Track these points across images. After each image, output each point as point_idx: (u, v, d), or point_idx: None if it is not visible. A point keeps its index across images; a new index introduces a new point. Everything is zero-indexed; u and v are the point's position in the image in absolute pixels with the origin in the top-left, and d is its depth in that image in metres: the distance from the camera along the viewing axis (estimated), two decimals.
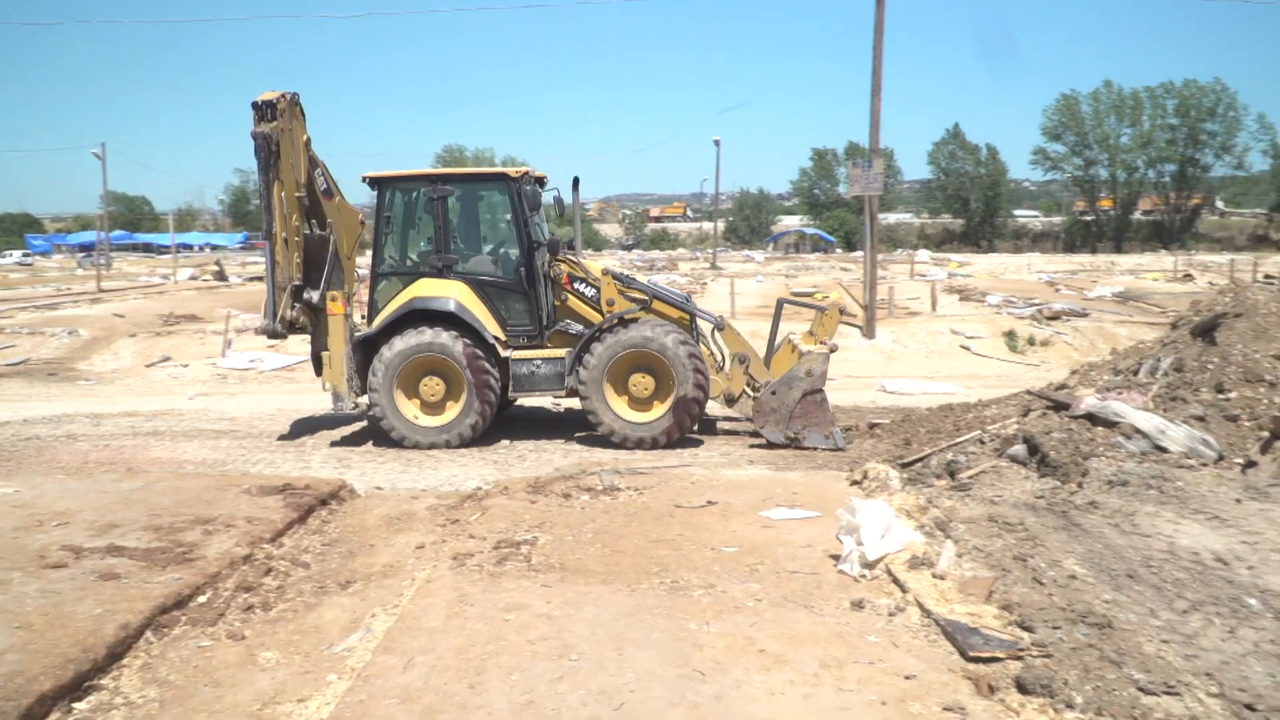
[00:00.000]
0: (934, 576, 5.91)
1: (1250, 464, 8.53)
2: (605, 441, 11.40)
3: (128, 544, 6.82)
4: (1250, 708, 4.38)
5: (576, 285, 11.90)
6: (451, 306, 11.44)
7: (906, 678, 4.71)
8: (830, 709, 4.44)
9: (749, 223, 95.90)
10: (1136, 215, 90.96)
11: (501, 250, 12.31)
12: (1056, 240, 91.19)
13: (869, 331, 20.72)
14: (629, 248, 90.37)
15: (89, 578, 6.14)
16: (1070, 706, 4.32)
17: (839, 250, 77.87)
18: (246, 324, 22.89)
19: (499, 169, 11.98)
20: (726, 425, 12.46)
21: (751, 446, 11.19)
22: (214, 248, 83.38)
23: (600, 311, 11.70)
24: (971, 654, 4.87)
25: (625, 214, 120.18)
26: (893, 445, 10.91)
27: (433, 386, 11.48)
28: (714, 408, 12.32)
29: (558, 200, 12.29)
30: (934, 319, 23.06)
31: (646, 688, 4.69)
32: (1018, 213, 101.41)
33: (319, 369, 12.04)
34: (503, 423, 12.23)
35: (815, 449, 11.00)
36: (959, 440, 9.93)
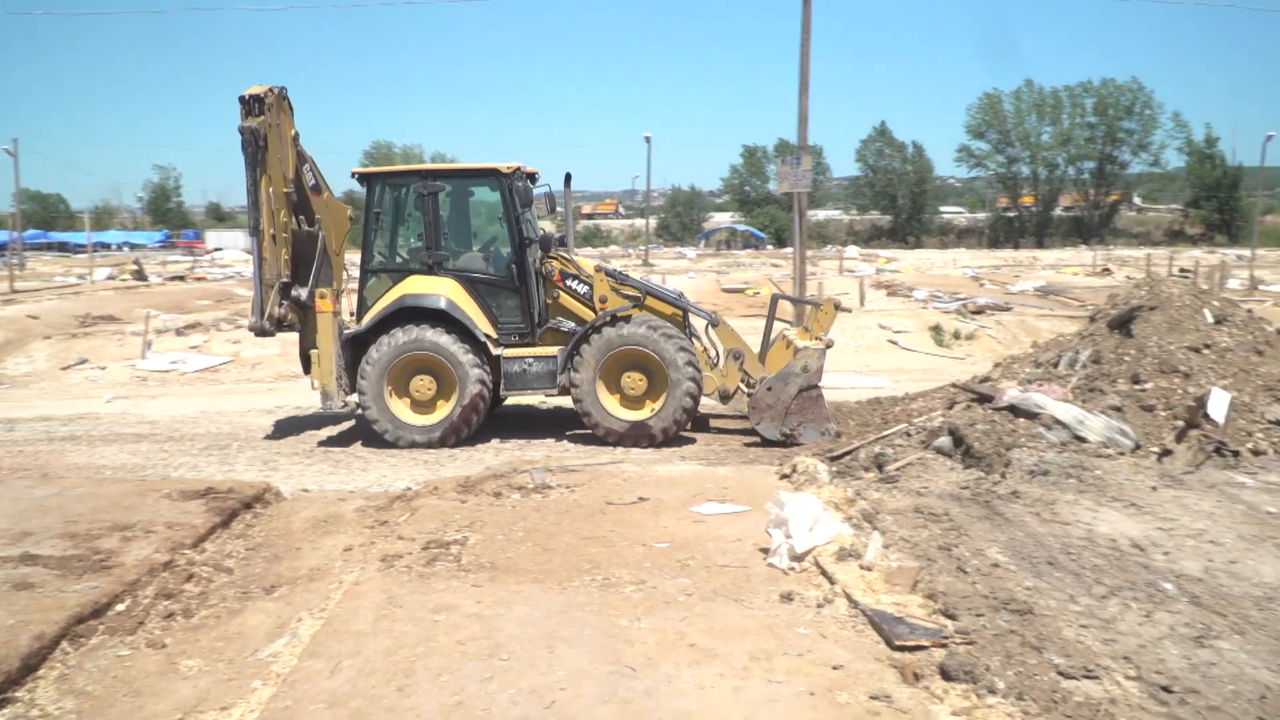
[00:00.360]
0: (861, 567, 5.99)
1: (1166, 452, 8.80)
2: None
3: (42, 552, 6.63)
4: (1167, 690, 4.51)
5: (569, 282, 11.77)
6: (442, 304, 11.28)
7: (834, 668, 4.77)
8: (759, 701, 4.48)
9: (681, 219, 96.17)
10: (1057, 211, 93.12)
11: (492, 247, 12.17)
12: (981, 236, 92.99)
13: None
14: (561, 242, 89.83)
15: (1, 588, 5.96)
16: (992, 692, 4.41)
17: (770, 246, 78.52)
18: (167, 324, 22.38)
19: (490, 165, 11.74)
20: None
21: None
22: (133, 246, 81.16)
23: (593, 308, 11.57)
24: (897, 643, 4.95)
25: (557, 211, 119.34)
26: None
27: (423, 385, 11.34)
28: (708, 404, 12.27)
29: (548, 196, 12.19)
30: (862, 314, 23.36)
31: (577, 685, 4.68)
32: (944, 209, 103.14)
33: (307, 367, 11.88)
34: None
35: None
36: (886, 433, 10.09)
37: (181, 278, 42.50)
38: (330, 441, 11.86)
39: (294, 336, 12.35)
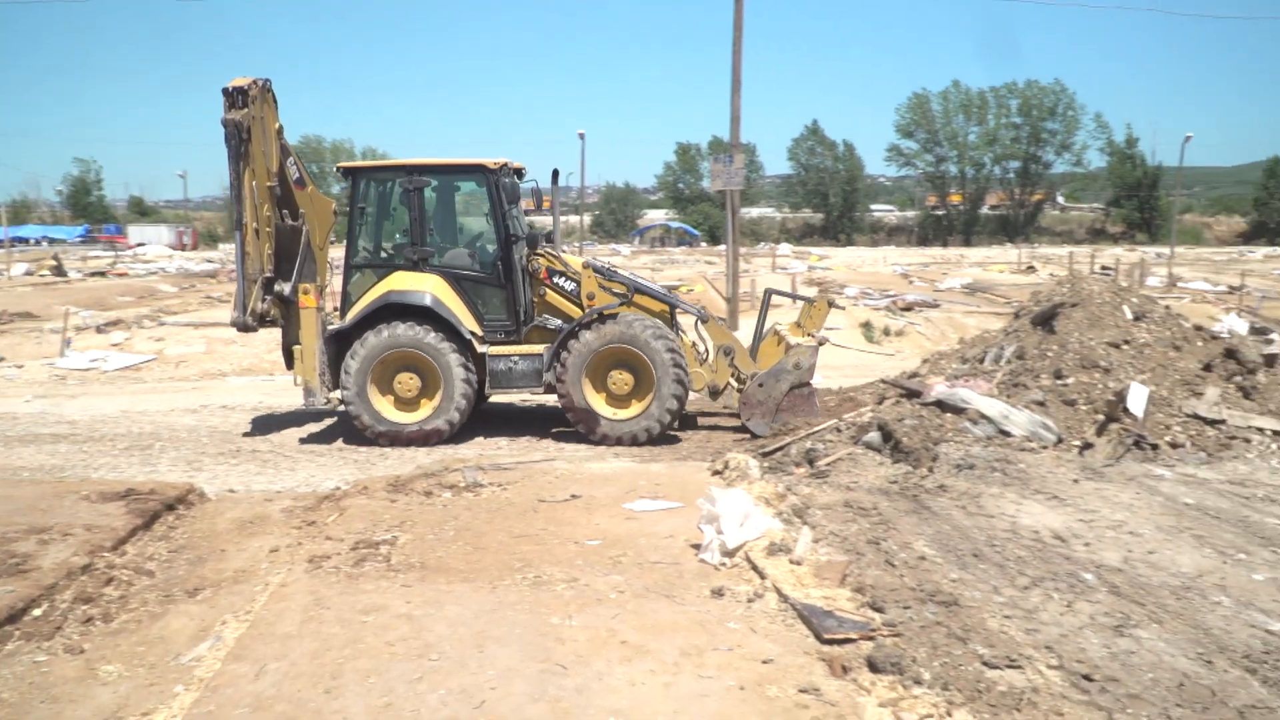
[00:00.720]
0: (791, 562, 6.05)
1: (1087, 446, 9.02)
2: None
3: None
4: (1088, 678, 4.62)
5: (556, 279, 11.61)
6: (427, 301, 11.11)
7: (764, 662, 4.81)
8: (690, 696, 4.50)
9: (615, 216, 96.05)
10: (984, 210, 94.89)
11: (478, 243, 12.00)
12: (910, 234, 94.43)
13: (732, 324, 21.04)
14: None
15: None
16: (918, 683, 4.48)
17: (704, 244, 78.82)
18: (87, 321, 21.77)
19: (477, 160, 11.56)
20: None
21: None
22: (52, 241, 78.75)
23: (581, 305, 11.45)
24: (826, 636, 5.00)
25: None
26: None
27: (408, 382, 11.18)
28: (697, 401, 12.23)
29: (535, 192, 12.03)
30: (794, 311, 23.53)
31: (508, 684, 4.66)
32: (874, 207, 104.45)
33: (289, 363, 11.66)
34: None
35: None
36: (817, 429, 10.18)
37: (103, 274, 41.45)
38: (259, 441, 11.63)
39: (221, 333, 12.10)
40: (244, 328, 11.49)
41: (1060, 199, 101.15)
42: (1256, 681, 4.58)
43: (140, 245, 71.26)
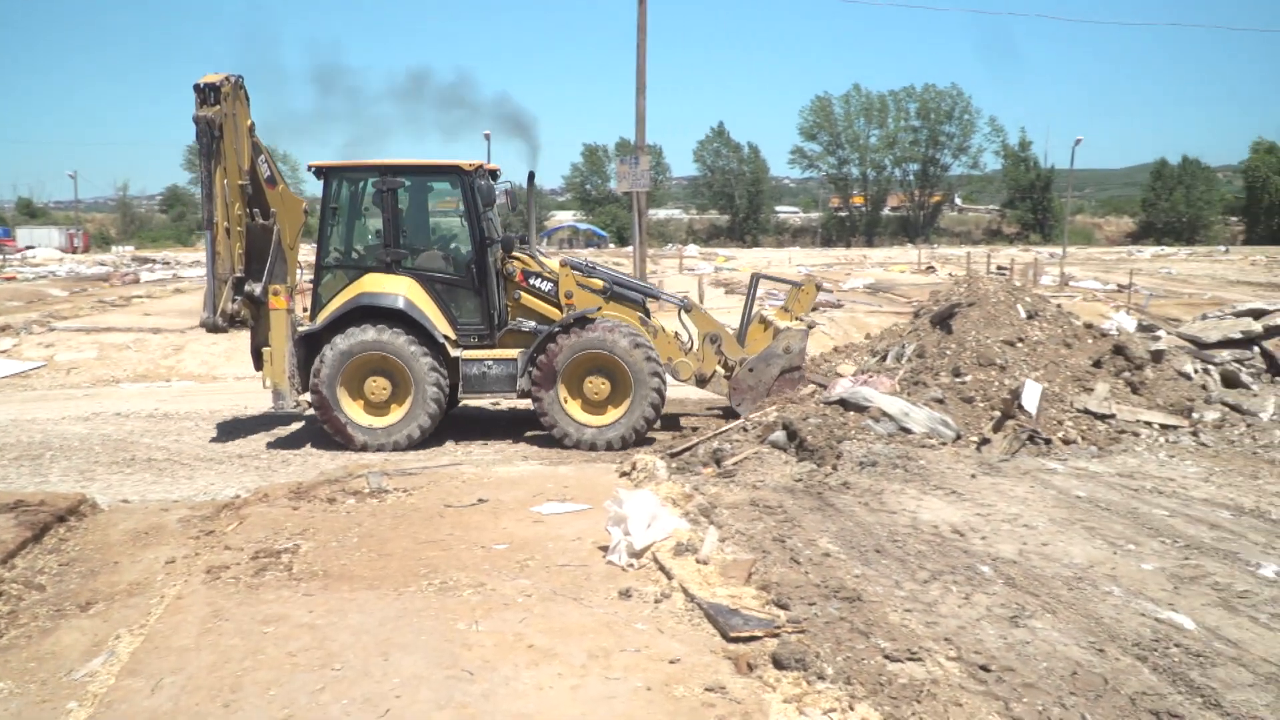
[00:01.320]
0: (698, 562, 6.08)
1: (984, 441, 9.27)
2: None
3: None
4: (985, 669, 4.74)
5: (532, 281, 11.45)
6: (400, 304, 10.90)
7: (671, 662, 4.83)
8: (597, 699, 4.49)
9: (522, 218, 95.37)
10: (886, 211, 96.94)
11: (452, 245, 11.77)
12: (815, 235, 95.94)
13: None
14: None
15: None
16: (822, 678, 4.55)
17: (612, 245, 78.86)
18: None
19: (452, 161, 11.38)
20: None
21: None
22: None
23: (559, 305, 11.31)
24: (732, 634, 5.05)
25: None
26: (664, 435, 11.14)
27: (378, 386, 10.93)
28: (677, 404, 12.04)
29: (509, 193, 11.78)
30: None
31: (413, 691, 4.59)
32: (779, 209, 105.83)
33: (258, 364, 11.38)
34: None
35: None
36: (724, 429, 10.28)
37: None
38: (155, 449, 11.26)
39: (114, 338, 11.69)
40: (213, 328, 11.28)
41: (958, 200, 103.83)
42: (1146, 669, 4.75)
43: (29, 248, 68.44)
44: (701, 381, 11.71)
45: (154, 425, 12.56)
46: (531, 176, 12.64)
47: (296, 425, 12.40)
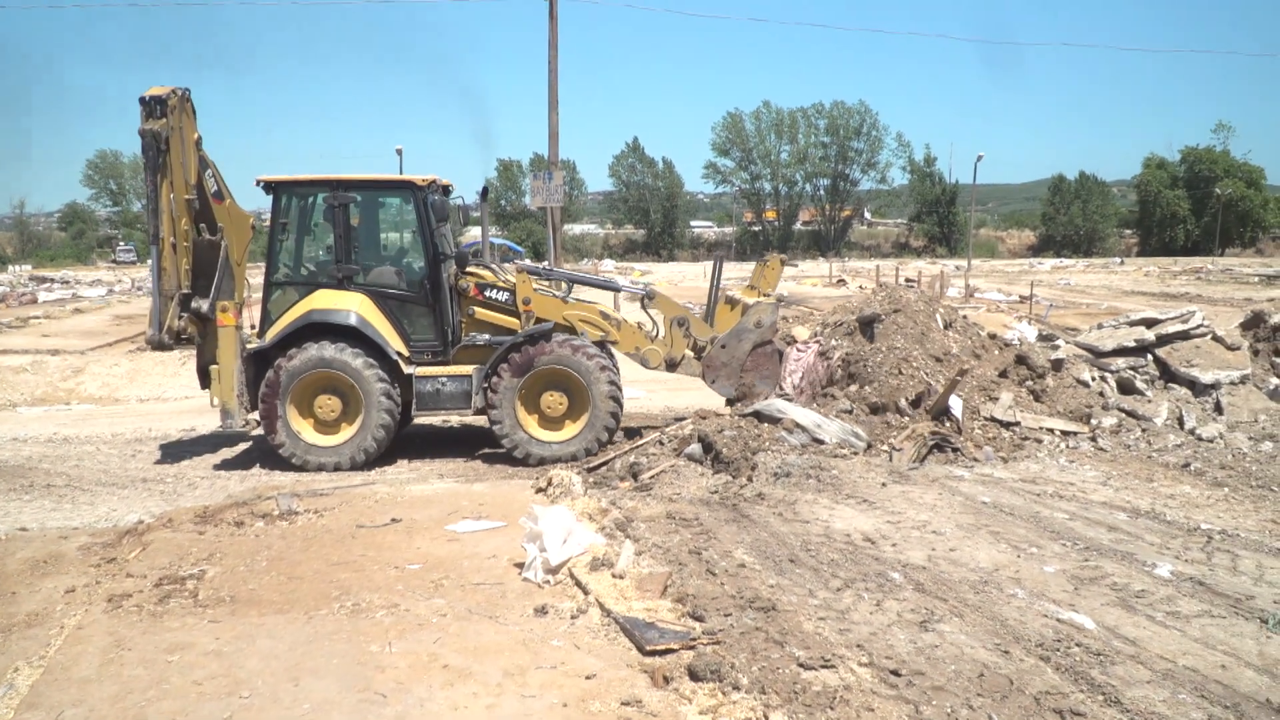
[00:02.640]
0: (614, 576, 6.08)
1: (894, 450, 9.45)
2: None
3: None
4: (895, 673, 4.83)
5: (488, 294, 11.29)
6: (352, 320, 10.67)
7: (587, 678, 4.81)
8: (513, 717, 4.46)
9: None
10: (798, 226, 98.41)
11: (405, 261, 11.53)
12: (729, 249, 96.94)
13: None
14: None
15: None
16: (737, 688, 4.58)
17: (528, 260, 78.66)
18: None
19: (405, 177, 11.22)
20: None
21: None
22: None
23: (516, 314, 11.18)
24: (648, 648, 5.05)
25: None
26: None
27: (328, 404, 10.69)
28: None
29: (461, 209, 11.54)
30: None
31: (324, 717, 4.51)
32: (694, 223, 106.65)
33: (205, 383, 11.02)
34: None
35: None
36: (641, 442, 10.30)
37: None
38: (54, 475, 10.84)
39: (9, 360, 11.25)
40: (160, 346, 10.96)
41: (867, 215, 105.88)
42: (1050, 669, 4.88)
43: None
44: (672, 365, 11.66)
45: (53, 450, 12.11)
46: (485, 191, 12.61)
47: (204, 448, 12.08)
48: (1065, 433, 9.87)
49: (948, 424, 9.65)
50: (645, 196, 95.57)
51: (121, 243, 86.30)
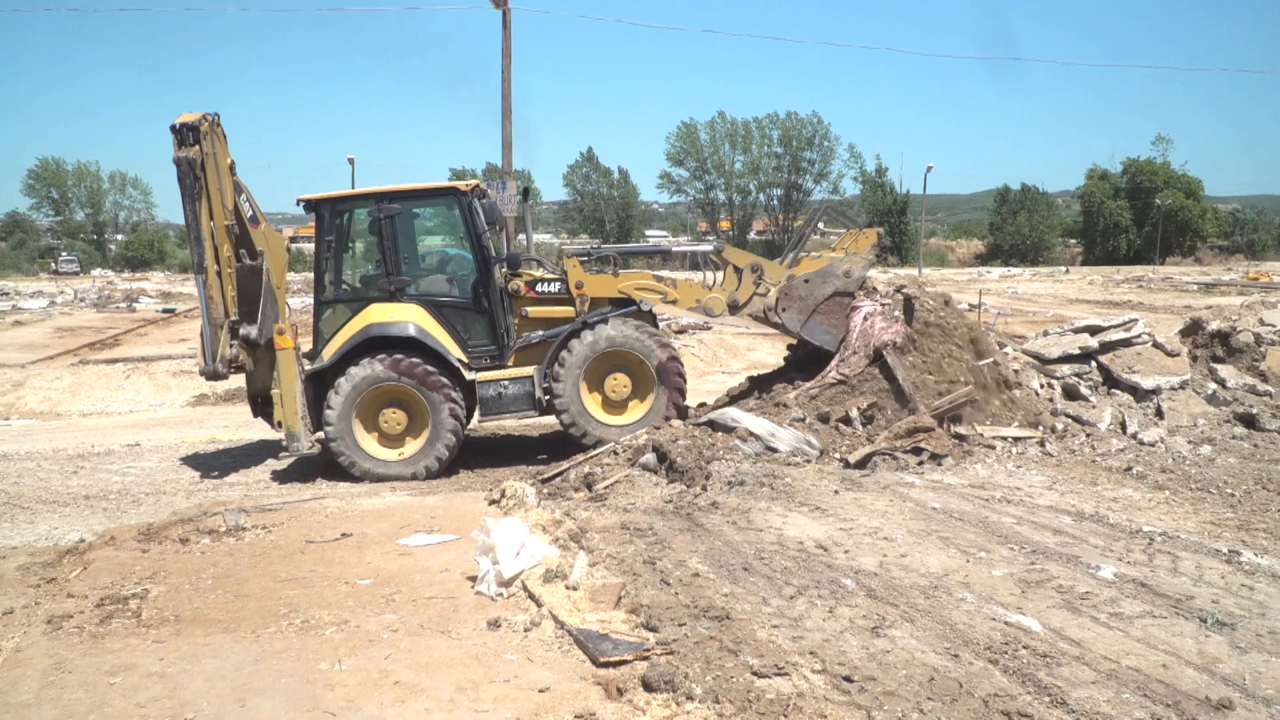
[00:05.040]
0: (567, 588, 6.06)
1: (846, 459, 9.52)
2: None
3: None
4: (848, 679, 4.85)
5: (539, 289, 11.26)
6: (411, 331, 10.61)
7: (540, 691, 4.79)
8: None
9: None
10: (752, 235, 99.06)
11: (452, 268, 11.49)
12: (683, 259, 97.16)
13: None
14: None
15: None
16: (691, 698, 4.58)
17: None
18: None
19: (449, 184, 11.23)
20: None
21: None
22: None
23: (572, 300, 11.17)
24: (601, 660, 5.04)
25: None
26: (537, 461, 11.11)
27: (394, 417, 10.63)
28: None
29: (492, 207, 11.50)
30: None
31: None
32: (649, 233, 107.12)
33: (256, 410, 10.98)
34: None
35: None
36: (595, 453, 10.29)
37: None
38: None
39: None
40: (215, 376, 10.79)
41: (820, 225, 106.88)
42: (998, 671, 4.94)
43: None
44: (735, 308, 11.59)
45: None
46: (526, 192, 12.61)
47: (148, 463, 11.86)
48: (1015, 439, 10.00)
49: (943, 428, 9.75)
50: (600, 206, 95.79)
51: (64, 253, 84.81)
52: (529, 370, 11.04)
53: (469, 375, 10.92)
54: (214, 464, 11.62)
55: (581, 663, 5.13)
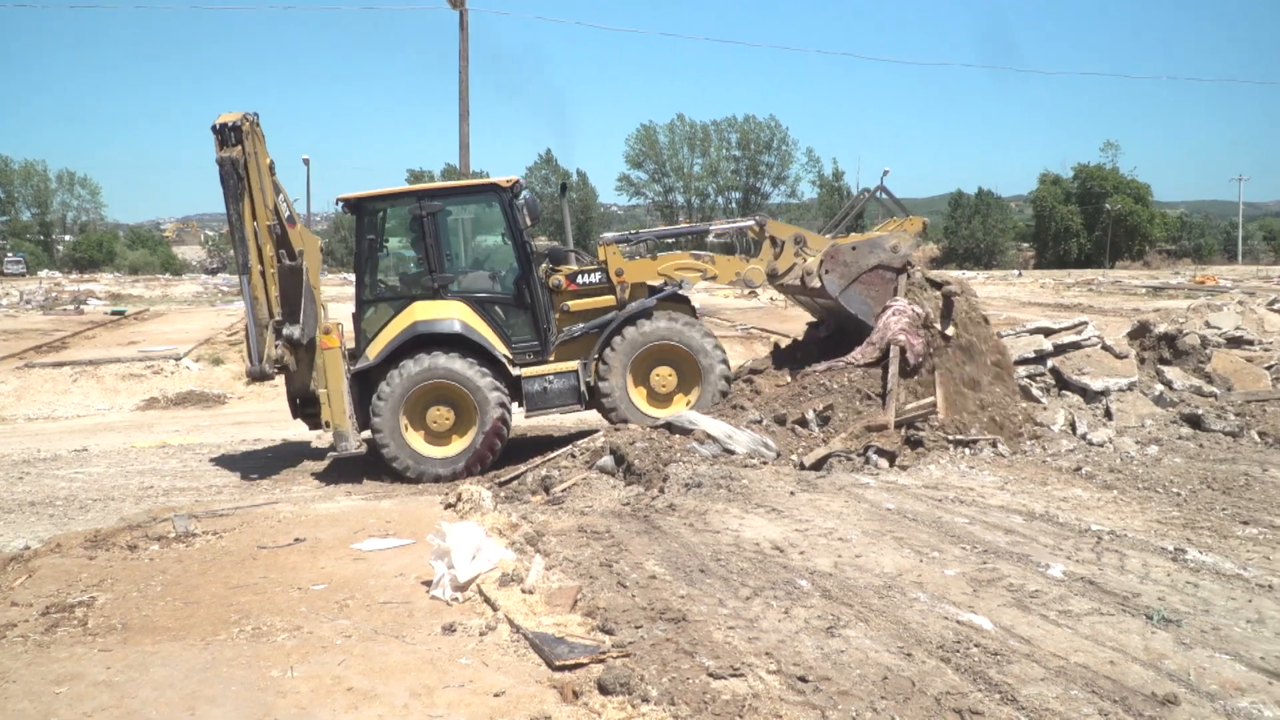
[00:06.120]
0: (524, 591, 6.04)
1: (802, 461, 9.58)
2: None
3: None
4: (803, 679, 4.87)
5: (579, 280, 11.30)
6: (457, 328, 10.64)
7: (496, 695, 4.76)
8: None
9: (347, 244, 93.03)
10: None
11: (493, 264, 11.48)
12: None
13: None
14: (213, 271, 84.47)
15: None
16: (646, 700, 4.58)
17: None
18: None
19: (489, 180, 11.33)
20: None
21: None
22: None
23: (613, 288, 11.21)
24: (557, 663, 5.02)
25: (208, 235, 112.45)
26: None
27: (440, 415, 10.61)
28: None
29: (529, 203, 11.48)
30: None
31: None
32: (608, 235, 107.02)
33: (296, 411, 10.96)
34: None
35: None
36: (552, 455, 10.26)
37: None
38: None
39: None
40: (261, 377, 10.77)
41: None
42: (950, 670, 4.98)
43: None
44: (774, 277, 11.68)
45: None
46: (564, 188, 12.92)
47: (95, 469, 11.67)
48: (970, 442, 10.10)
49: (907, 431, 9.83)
50: (558, 208, 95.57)
51: (9, 254, 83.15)
52: (573, 365, 11.13)
53: (514, 371, 10.99)
54: (164, 469, 11.45)
55: (537, 666, 5.12)
